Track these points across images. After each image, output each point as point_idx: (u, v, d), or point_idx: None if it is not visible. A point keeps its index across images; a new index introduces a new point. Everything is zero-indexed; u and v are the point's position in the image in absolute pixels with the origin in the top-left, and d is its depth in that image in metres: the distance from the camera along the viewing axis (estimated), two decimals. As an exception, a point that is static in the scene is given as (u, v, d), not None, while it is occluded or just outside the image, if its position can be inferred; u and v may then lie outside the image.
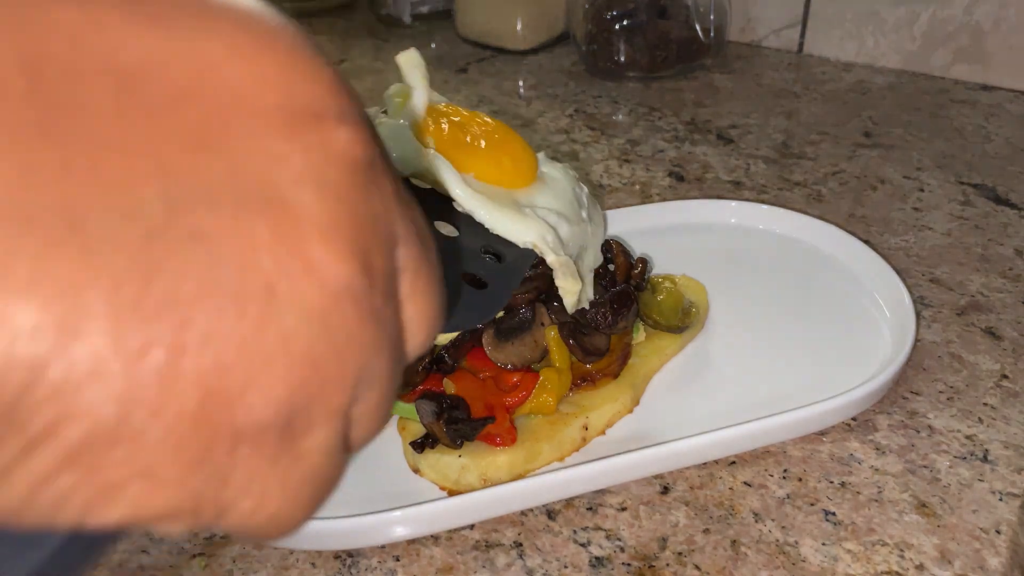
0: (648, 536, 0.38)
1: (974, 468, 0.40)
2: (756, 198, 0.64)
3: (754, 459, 0.41)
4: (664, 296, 0.48)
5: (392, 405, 0.17)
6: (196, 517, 0.14)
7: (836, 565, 0.36)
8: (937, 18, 0.79)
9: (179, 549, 0.38)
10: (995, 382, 0.45)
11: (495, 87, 0.85)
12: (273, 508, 0.15)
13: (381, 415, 0.16)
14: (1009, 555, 0.36)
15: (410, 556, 0.37)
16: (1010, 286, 0.53)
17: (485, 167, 0.39)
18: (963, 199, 0.62)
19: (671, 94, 0.82)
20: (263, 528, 0.15)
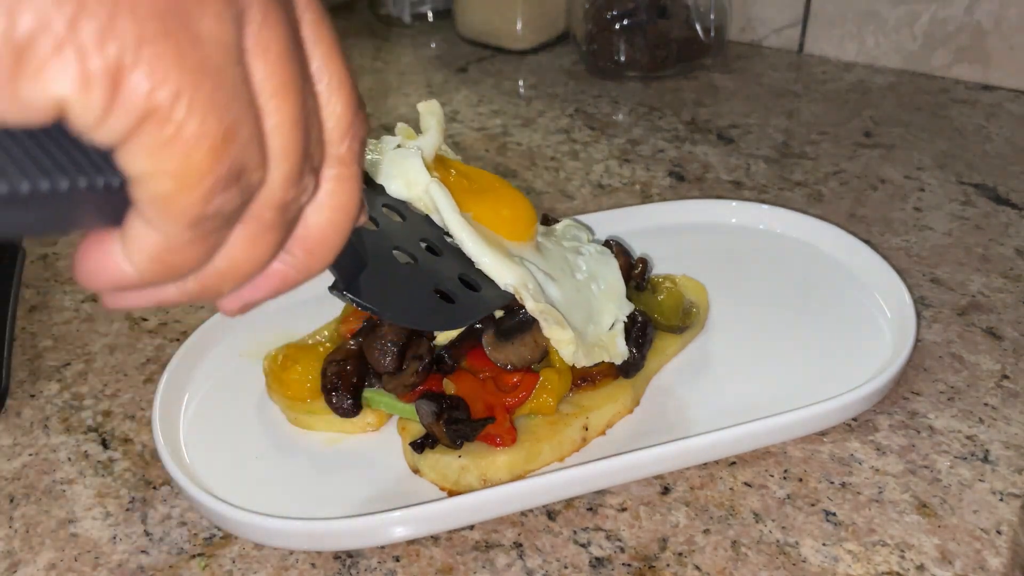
0: (648, 536, 0.38)
1: (975, 468, 0.40)
2: (756, 198, 0.64)
3: (754, 459, 0.41)
4: (664, 296, 0.48)
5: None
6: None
7: (836, 565, 0.36)
8: (937, 18, 0.79)
9: (179, 549, 0.38)
10: (996, 382, 0.45)
11: (495, 87, 0.85)
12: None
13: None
14: (1010, 555, 0.36)
15: (410, 556, 0.37)
16: (1011, 286, 0.53)
17: (484, 212, 0.41)
18: (964, 199, 0.62)
19: (671, 94, 0.82)
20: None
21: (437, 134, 0.43)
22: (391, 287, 0.33)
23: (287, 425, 0.44)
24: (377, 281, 0.32)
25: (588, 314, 0.42)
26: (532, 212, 0.43)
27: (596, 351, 0.41)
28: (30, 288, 0.57)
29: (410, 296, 0.34)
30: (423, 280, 0.35)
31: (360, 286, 0.31)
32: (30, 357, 0.51)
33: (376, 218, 0.37)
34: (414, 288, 0.34)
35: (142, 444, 0.44)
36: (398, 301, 0.33)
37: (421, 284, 0.35)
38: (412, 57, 0.94)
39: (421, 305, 0.34)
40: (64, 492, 0.41)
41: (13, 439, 0.45)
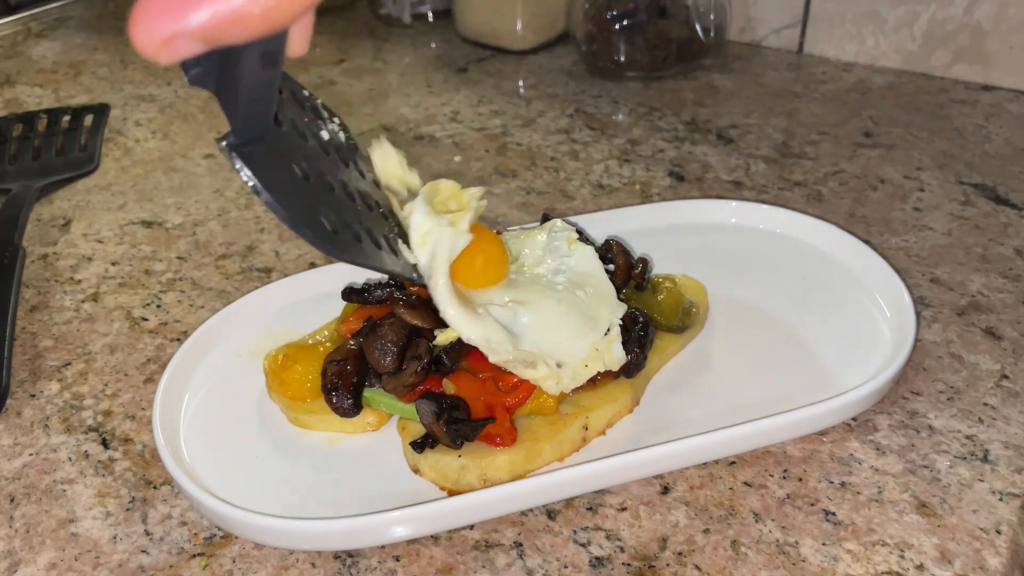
0: (648, 536, 0.38)
1: (974, 468, 0.40)
2: (756, 198, 0.64)
3: (754, 459, 0.41)
4: (664, 296, 0.48)
5: None
6: None
7: (836, 565, 0.36)
8: (937, 18, 0.79)
9: (179, 549, 0.38)
10: (995, 382, 0.45)
11: (495, 87, 0.85)
12: None
13: None
14: (1009, 555, 0.36)
15: (410, 556, 0.37)
16: (1010, 286, 0.53)
17: (461, 268, 0.41)
18: (963, 199, 0.62)
19: (671, 94, 0.82)
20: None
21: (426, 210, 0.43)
22: (287, 181, 0.31)
23: (287, 425, 0.44)
24: (274, 166, 0.30)
25: (580, 322, 0.42)
26: (504, 254, 0.43)
27: (586, 370, 0.41)
28: (30, 288, 0.57)
29: (300, 201, 0.31)
30: (320, 200, 0.33)
31: (254, 154, 0.29)
32: (30, 357, 0.51)
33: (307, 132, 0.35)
34: (307, 199, 0.32)
35: (142, 444, 0.44)
36: (285, 193, 0.30)
37: (316, 201, 0.32)
38: (412, 57, 0.94)
39: (305, 215, 0.31)
40: (64, 492, 0.41)
41: (13, 439, 0.45)
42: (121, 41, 1.03)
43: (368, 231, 0.35)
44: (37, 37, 1.04)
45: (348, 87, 0.87)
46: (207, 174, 0.71)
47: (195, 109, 0.84)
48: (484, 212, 0.44)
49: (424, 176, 0.72)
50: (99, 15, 1.12)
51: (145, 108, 0.84)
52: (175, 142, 0.77)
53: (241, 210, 0.65)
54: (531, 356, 0.40)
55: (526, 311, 0.41)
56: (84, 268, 0.59)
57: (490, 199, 0.65)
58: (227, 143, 0.29)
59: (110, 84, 0.91)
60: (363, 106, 0.83)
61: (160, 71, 0.93)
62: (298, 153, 0.33)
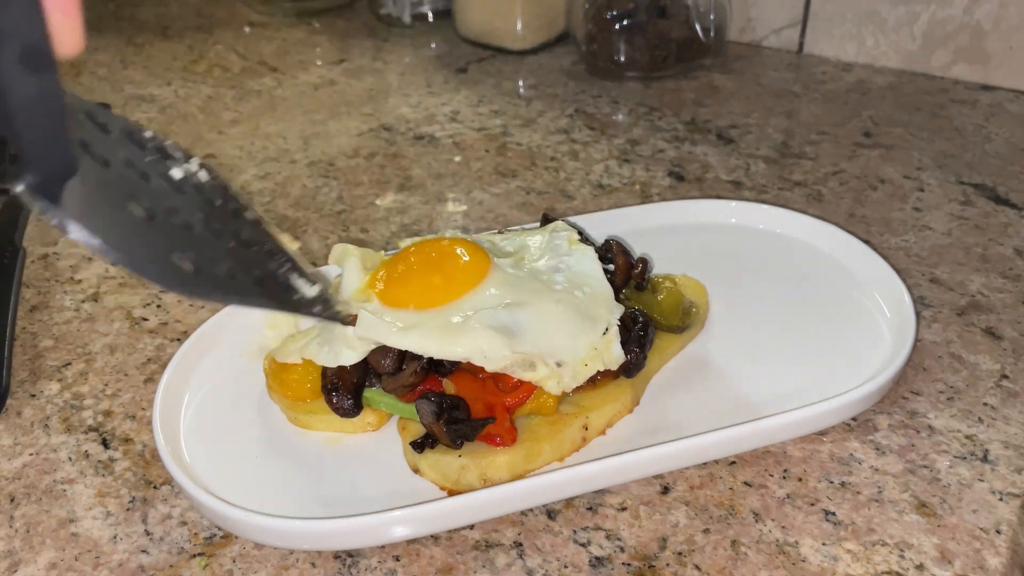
0: (648, 536, 0.38)
1: (974, 468, 0.40)
2: (756, 198, 0.64)
3: (754, 459, 0.41)
4: (664, 296, 0.48)
5: None
6: None
7: (836, 565, 0.36)
8: (937, 18, 0.79)
9: (179, 549, 0.38)
10: (995, 382, 0.45)
11: (495, 87, 0.85)
12: None
13: None
14: (1009, 555, 0.36)
15: (410, 556, 0.37)
16: (1010, 286, 0.53)
17: (420, 293, 0.42)
18: (963, 199, 0.62)
19: (671, 94, 0.82)
20: None
21: (356, 271, 0.45)
22: (120, 222, 0.26)
23: (287, 425, 0.44)
24: (99, 205, 0.26)
25: (578, 322, 0.42)
26: (469, 257, 0.43)
27: (586, 369, 0.41)
28: (30, 288, 0.57)
29: (143, 242, 0.27)
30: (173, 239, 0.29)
31: (65, 194, 0.24)
32: (30, 357, 0.51)
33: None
34: (153, 239, 0.28)
35: (142, 444, 0.44)
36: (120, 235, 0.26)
37: (167, 241, 0.28)
38: (412, 57, 0.94)
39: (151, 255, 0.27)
40: (64, 492, 0.41)
41: (13, 439, 0.45)
42: (121, 41, 1.03)
43: (246, 268, 0.31)
44: (37, 37, 1.04)
45: (348, 87, 0.87)
46: (207, 174, 0.71)
47: (195, 109, 0.84)
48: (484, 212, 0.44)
49: (424, 175, 0.72)
50: (99, 15, 1.12)
51: (145, 108, 0.84)
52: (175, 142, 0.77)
53: (241, 210, 0.65)
54: (529, 358, 0.40)
55: (524, 311, 0.41)
56: (84, 268, 0.59)
57: (490, 199, 0.65)
58: (24, 185, 0.23)
59: (110, 84, 0.91)
60: (363, 106, 0.83)
61: (160, 71, 0.93)
62: (139, 193, 0.29)
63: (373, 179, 0.69)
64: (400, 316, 0.41)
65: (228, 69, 0.93)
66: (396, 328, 0.40)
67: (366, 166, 0.71)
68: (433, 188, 0.67)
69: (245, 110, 0.83)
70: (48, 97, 0.22)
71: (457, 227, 0.62)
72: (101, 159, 0.28)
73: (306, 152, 0.74)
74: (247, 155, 0.74)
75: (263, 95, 0.86)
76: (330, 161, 0.72)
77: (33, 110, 0.22)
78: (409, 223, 0.63)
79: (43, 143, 0.23)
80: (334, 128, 0.78)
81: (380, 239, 0.61)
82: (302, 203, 0.66)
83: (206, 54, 0.98)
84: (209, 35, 1.04)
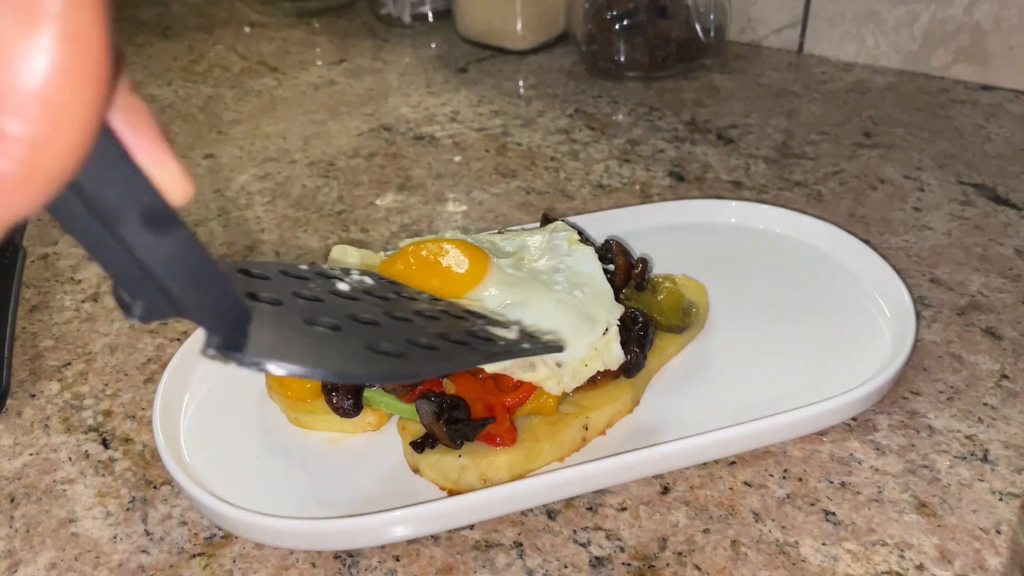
0: (648, 536, 0.38)
1: (974, 468, 0.40)
2: (756, 198, 0.64)
3: (754, 459, 0.41)
4: (664, 296, 0.48)
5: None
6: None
7: (836, 565, 0.36)
8: (937, 18, 0.79)
9: (179, 549, 0.38)
10: (995, 382, 0.45)
11: (495, 87, 0.85)
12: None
13: None
14: (1009, 555, 0.36)
15: (410, 556, 0.37)
16: (1010, 286, 0.53)
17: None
18: (963, 199, 0.62)
19: (671, 94, 0.82)
20: None
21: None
22: (311, 343, 0.27)
23: (287, 425, 0.44)
24: (285, 336, 0.26)
25: (578, 322, 0.42)
26: (468, 258, 0.43)
27: (586, 369, 0.41)
28: (30, 288, 0.57)
29: (340, 349, 0.28)
30: (368, 337, 0.29)
31: (249, 339, 0.24)
32: (30, 357, 0.51)
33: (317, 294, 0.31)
34: (349, 345, 0.28)
35: (142, 444, 0.44)
36: (317, 354, 0.26)
37: (363, 340, 0.29)
38: (412, 57, 0.94)
39: (357, 358, 0.28)
40: (64, 492, 0.41)
41: (13, 439, 0.45)
42: (121, 41, 1.02)
43: (441, 336, 0.32)
44: (37, 37, 1.04)
45: (348, 87, 0.87)
46: (207, 174, 0.71)
47: (195, 109, 0.84)
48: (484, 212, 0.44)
49: (424, 175, 0.72)
50: (99, 15, 1.12)
51: (145, 108, 0.84)
52: (175, 142, 0.77)
53: (241, 210, 0.65)
54: (529, 358, 0.40)
55: (524, 312, 0.41)
56: (84, 268, 0.59)
57: (490, 199, 0.65)
58: (211, 348, 0.23)
59: (110, 84, 0.90)
60: (363, 106, 0.83)
61: (160, 71, 0.93)
62: (317, 314, 0.29)
63: (373, 179, 0.69)
64: None
65: (228, 69, 0.93)
66: None
67: (366, 166, 0.71)
68: (433, 188, 0.67)
69: (245, 110, 0.83)
70: (187, 251, 0.22)
71: (457, 227, 0.62)
72: (271, 300, 0.28)
73: (306, 152, 0.74)
74: (247, 155, 0.74)
75: (263, 95, 0.86)
76: (330, 161, 0.72)
77: (181, 270, 0.22)
78: (409, 223, 0.63)
79: (209, 303, 0.23)
80: (334, 128, 0.78)
81: (380, 239, 0.61)
82: (302, 203, 0.66)
83: (206, 54, 0.98)
84: (209, 35, 1.04)
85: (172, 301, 0.22)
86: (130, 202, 0.20)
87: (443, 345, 0.31)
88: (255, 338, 0.24)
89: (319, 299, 0.31)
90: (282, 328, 0.26)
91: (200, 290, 0.23)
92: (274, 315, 0.27)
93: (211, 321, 0.23)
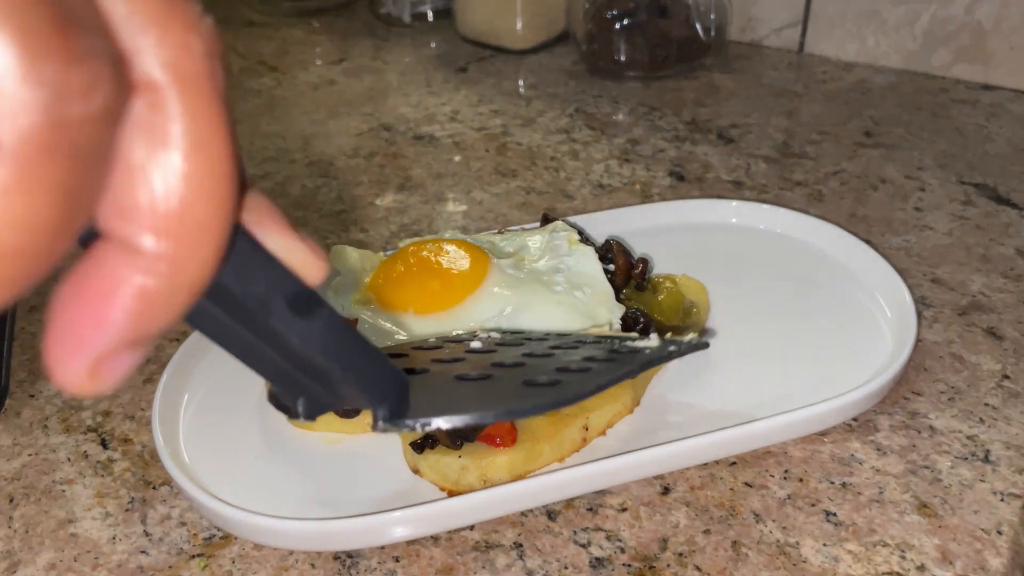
0: (648, 537, 0.38)
1: (975, 469, 0.40)
2: (757, 198, 0.63)
3: (755, 460, 0.41)
4: (664, 296, 0.48)
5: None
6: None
7: (837, 566, 0.36)
8: (938, 17, 0.79)
9: (178, 550, 0.38)
10: (996, 382, 0.45)
11: (495, 87, 0.85)
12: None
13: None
14: (1010, 556, 0.36)
15: (410, 556, 0.37)
16: (1011, 286, 0.52)
17: (419, 298, 0.42)
18: (964, 199, 0.62)
19: (671, 93, 0.82)
20: None
21: (355, 273, 0.45)
22: (463, 395, 0.27)
23: (287, 425, 0.44)
24: (440, 394, 0.27)
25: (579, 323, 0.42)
26: (469, 259, 0.43)
27: None
28: (30, 288, 0.57)
29: (490, 394, 0.28)
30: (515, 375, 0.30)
31: (412, 403, 0.25)
32: (30, 357, 0.51)
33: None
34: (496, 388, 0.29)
35: (142, 444, 0.44)
36: (470, 402, 0.26)
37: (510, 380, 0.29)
38: (412, 57, 0.94)
39: (509, 395, 0.28)
40: (64, 492, 0.41)
41: (13, 439, 0.45)
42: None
43: (589, 359, 0.31)
44: (37, 37, 1.04)
45: (348, 86, 0.87)
46: (207, 174, 0.71)
47: (195, 109, 0.84)
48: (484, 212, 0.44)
49: (424, 175, 0.72)
50: (99, 15, 1.12)
51: (145, 108, 0.84)
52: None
53: (241, 210, 0.65)
54: None
55: (525, 315, 0.41)
56: (84, 268, 0.59)
57: (490, 199, 0.65)
58: (381, 420, 0.24)
59: (110, 84, 0.90)
60: (363, 106, 0.82)
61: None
62: (465, 370, 0.30)
63: (373, 179, 0.69)
64: (400, 321, 0.41)
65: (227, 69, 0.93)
66: (397, 336, 0.40)
67: (366, 166, 0.71)
68: (433, 188, 0.67)
69: (245, 110, 0.83)
70: (337, 329, 0.22)
71: (457, 227, 0.62)
72: (417, 369, 0.29)
73: (306, 152, 0.74)
74: (247, 155, 0.74)
75: (263, 95, 0.86)
76: (330, 161, 0.72)
77: (336, 348, 0.22)
78: (409, 223, 0.63)
79: (369, 376, 0.23)
80: (334, 128, 0.78)
81: (380, 239, 0.61)
82: (302, 203, 0.66)
83: (206, 54, 0.98)
84: (209, 35, 1.04)
85: (333, 386, 0.23)
86: (275, 292, 0.20)
87: (594, 366, 0.30)
88: (416, 400, 0.25)
89: (459, 359, 0.31)
90: (438, 388, 0.27)
91: (358, 365, 0.23)
92: (425, 379, 0.28)
93: (376, 394, 0.24)
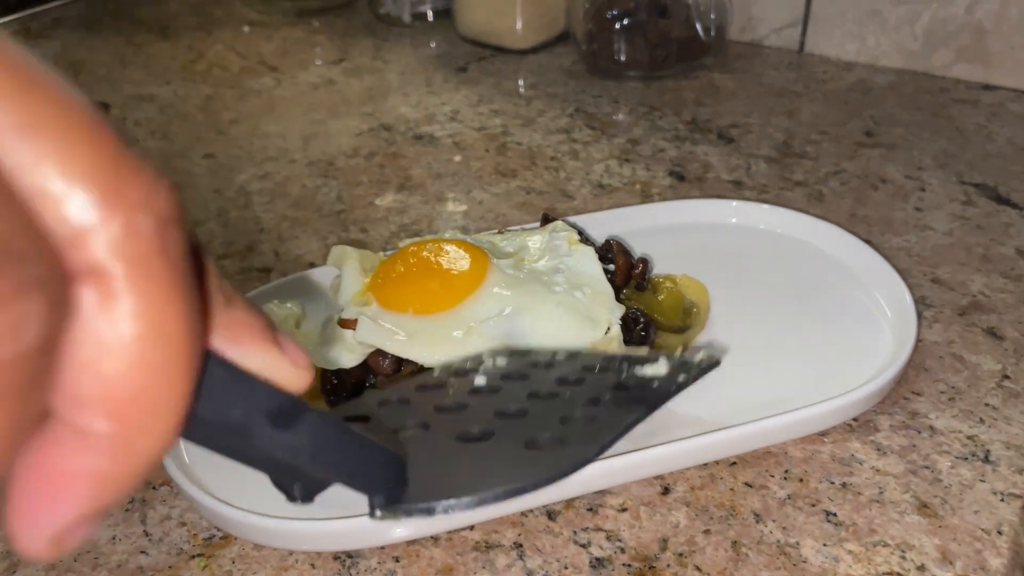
0: (649, 537, 0.38)
1: (975, 469, 0.40)
2: (757, 198, 0.63)
3: (755, 460, 0.41)
4: (664, 296, 0.48)
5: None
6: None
7: (837, 566, 0.36)
8: (938, 17, 0.79)
9: (178, 550, 0.38)
10: (996, 382, 0.45)
11: (495, 86, 0.85)
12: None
13: None
14: (1010, 556, 0.36)
15: (410, 557, 0.37)
16: (1011, 286, 0.52)
17: (419, 298, 0.42)
18: (964, 199, 0.62)
19: (671, 93, 0.82)
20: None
21: (355, 273, 0.45)
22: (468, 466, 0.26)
23: (287, 425, 0.44)
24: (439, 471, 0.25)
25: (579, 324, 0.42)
26: (469, 259, 0.43)
27: None
28: (29, 288, 0.57)
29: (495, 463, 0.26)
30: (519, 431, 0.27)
31: (410, 485, 0.24)
32: (29, 357, 0.50)
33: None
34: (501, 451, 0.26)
35: (141, 444, 0.44)
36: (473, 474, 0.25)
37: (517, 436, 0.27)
38: (412, 57, 0.94)
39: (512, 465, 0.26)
40: (63, 492, 0.41)
41: (12, 439, 0.45)
42: (120, 41, 1.02)
43: (593, 402, 0.30)
44: (36, 37, 1.04)
45: (348, 86, 0.87)
46: (206, 174, 0.71)
47: (194, 109, 0.84)
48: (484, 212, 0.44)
49: (424, 175, 0.72)
50: (98, 15, 1.12)
51: (144, 108, 0.84)
52: (174, 142, 0.77)
53: (240, 210, 0.65)
54: None
55: (525, 316, 0.41)
56: (83, 268, 0.59)
57: (490, 199, 0.65)
58: (378, 510, 0.23)
59: (109, 84, 0.90)
60: (363, 105, 0.82)
61: (159, 70, 0.93)
62: (463, 424, 0.28)
63: (373, 179, 0.69)
64: (400, 321, 0.41)
65: (227, 69, 0.93)
66: (397, 336, 0.40)
67: (366, 166, 0.71)
68: (433, 188, 0.67)
69: (245, 110, 0.83)
70: (323, 432, 0.21)
71: (457, 227, 0.61)
72: (419, 425, 0.27)
73: (305, 152, 0.74)
74: (247, 155, 0.74)
75: (262, 95, 0.86)
76: (329, 161, 0.72)
77: (322, 452, 0.21)
78: (409, 223, 0.62)
79: (360, 469, 0.23)
80: (334, 128, 0.78)
81: (380, 239, 0.61)
82: (301, 203, 0.66)
83: (205, 54, 0.98)
84: (208, 35, 1.04)
85: (326, 478, 0.22)
86: (256, 413, 0.19)
87: (599, 414, 0.29)
88: (415, 481, 0.24)
89: (464, 405, 0.30)
90: (437, 459, 0.26)
91: (347, 462, 0.22)
92: (426, 445, 0.26)
93: (368, 485, 0.23)
